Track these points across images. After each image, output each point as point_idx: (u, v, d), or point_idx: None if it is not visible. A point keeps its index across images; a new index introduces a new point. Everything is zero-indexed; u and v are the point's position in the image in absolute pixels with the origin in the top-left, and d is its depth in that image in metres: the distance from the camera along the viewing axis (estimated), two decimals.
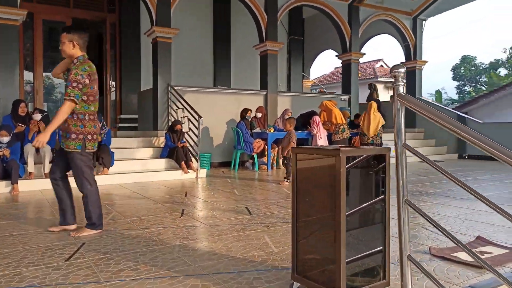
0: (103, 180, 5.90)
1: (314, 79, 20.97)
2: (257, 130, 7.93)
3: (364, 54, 10.69)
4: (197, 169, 6.73)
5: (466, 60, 39.04)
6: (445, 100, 34.40)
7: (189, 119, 7.29)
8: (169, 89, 7.78)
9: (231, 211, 3.97)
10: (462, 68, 38.97)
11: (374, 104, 7.85)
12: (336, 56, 11.05)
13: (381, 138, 8.23)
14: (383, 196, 1.96)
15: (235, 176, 6.92)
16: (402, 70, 1.85)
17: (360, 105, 10.69)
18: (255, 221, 3.53)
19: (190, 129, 7.29)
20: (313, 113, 8.37)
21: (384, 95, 24.27)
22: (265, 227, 3.30)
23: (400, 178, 1.88)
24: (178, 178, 6.56)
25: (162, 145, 7.36)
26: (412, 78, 11.45)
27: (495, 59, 38.55)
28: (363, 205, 1.96)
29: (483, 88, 36.99)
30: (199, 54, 11.26)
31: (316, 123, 7.92)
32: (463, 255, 2.41)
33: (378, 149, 1.95)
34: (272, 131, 7.79)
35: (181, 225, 3.38)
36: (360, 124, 8.12)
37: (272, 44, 9.04)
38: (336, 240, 1.82)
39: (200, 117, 6.82)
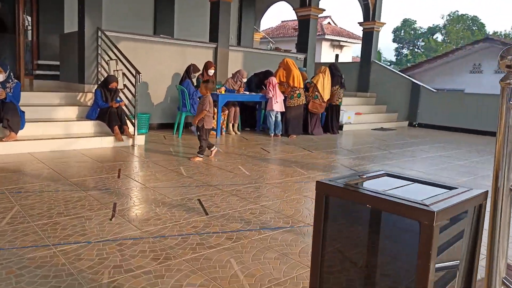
0: (9, 148, 4.65)
1: (261, 31, 19.77)
2: None
3: (324, 10, 9.77)
4: (134, 135, 5.64)
5: (407, 24, 39.75)
6: (384, 61, 34.97)
7: (124, 74, 6.04)
8: (99, 34, 6.36)
9: (179, 206, 3.08)
10: (402, 31, 39.71)
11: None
12: (294, 10, 10.04)
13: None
14: (457, 262, 1.20)
15: (179, 144, 5.94)
16: None
17: (315, 65, 9.91)
18: (213, 227, 2.69)
19: (125, 85, 6.06)
20: (268, 73, 7.47)
21: (329, 55, 23.77)
22: (228, 240, 2.48)
23: (496, 244, 1.13)
24: (110, 146, 5.43)
25: (89, 103, 6.09)
26: (369, 40, 10.86)
27: (433, 25, 39.75)
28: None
29: (420, 51, 38.23)
30: None
31: (273, 85, 7.05)
32: None
33: (473, 200, 1.16)
34: (223, 91, 6.80)
35: (112, 237, 2.45)
36: (319, 87, 7.48)
37: None
38: None
39: (138, 72, 5.62)
